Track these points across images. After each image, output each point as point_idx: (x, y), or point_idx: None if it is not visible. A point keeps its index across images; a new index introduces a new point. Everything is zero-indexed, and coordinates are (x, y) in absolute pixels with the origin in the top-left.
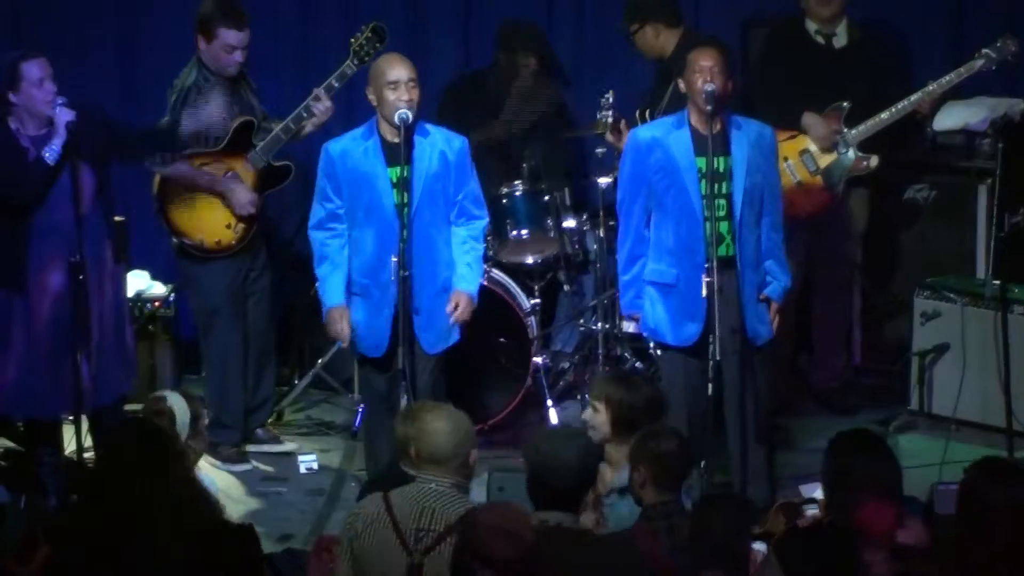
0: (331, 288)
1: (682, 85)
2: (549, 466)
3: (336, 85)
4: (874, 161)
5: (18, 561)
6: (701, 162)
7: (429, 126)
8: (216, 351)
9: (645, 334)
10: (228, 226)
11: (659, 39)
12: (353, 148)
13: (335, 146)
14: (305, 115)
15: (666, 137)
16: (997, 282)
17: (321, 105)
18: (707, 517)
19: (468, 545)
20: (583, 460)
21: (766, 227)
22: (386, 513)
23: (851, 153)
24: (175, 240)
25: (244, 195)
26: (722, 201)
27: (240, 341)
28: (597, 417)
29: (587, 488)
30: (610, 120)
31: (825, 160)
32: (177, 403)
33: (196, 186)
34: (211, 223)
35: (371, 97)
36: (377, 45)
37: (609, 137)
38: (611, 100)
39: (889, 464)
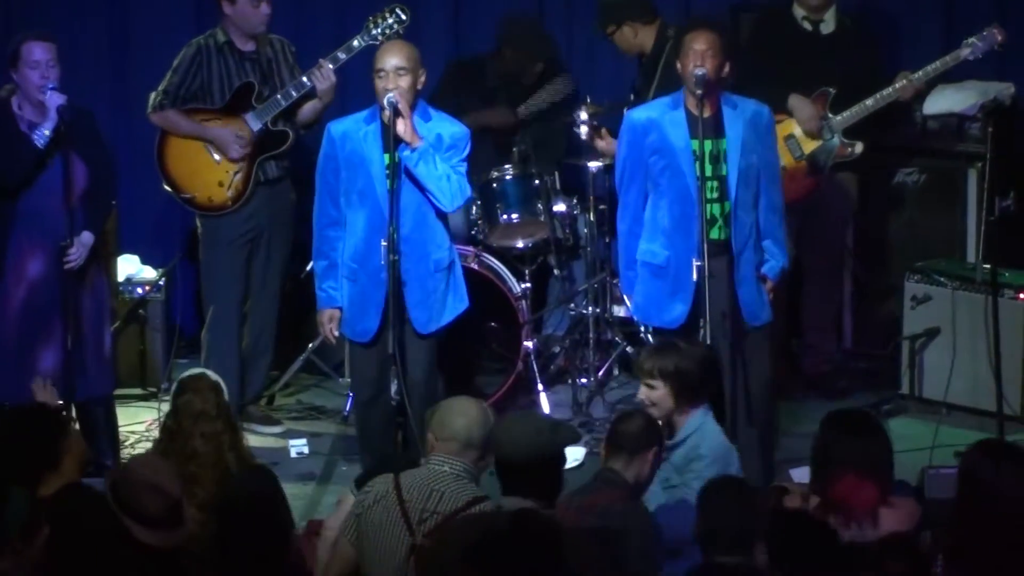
0: (327, 288)
1: (679, 67)
2: (499, 449)
3: (342, 57)
4: (859, 147)
5: (22, 542)
6: (696, 144)
7: (433, 111)
8: (213, 314)
9: (633, 315)
10: (220, 184)
11: (637, 37)
12: (354, 131)
13: (337, 127)
14: (308, 82)
15: (662, 118)
16: (987, 266)
17: (320, 73)
18: (715, 504)
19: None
20: (534, 439)
21: (763, 207)
22: (394, 492)
23: (836, 139)
24: (167, 188)
25: (229, 137)
26: (715, 183)
27: (237, 307)
28: (655, 393)
29: (540, 472)
30: (584, 136)
31: (810, 146)
32: (218, 377)
33: (182, 132)
34: (203, 179)
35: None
36: (395, 26)
37: (587, 138)
38: (584, 117)
39: (873, 442)
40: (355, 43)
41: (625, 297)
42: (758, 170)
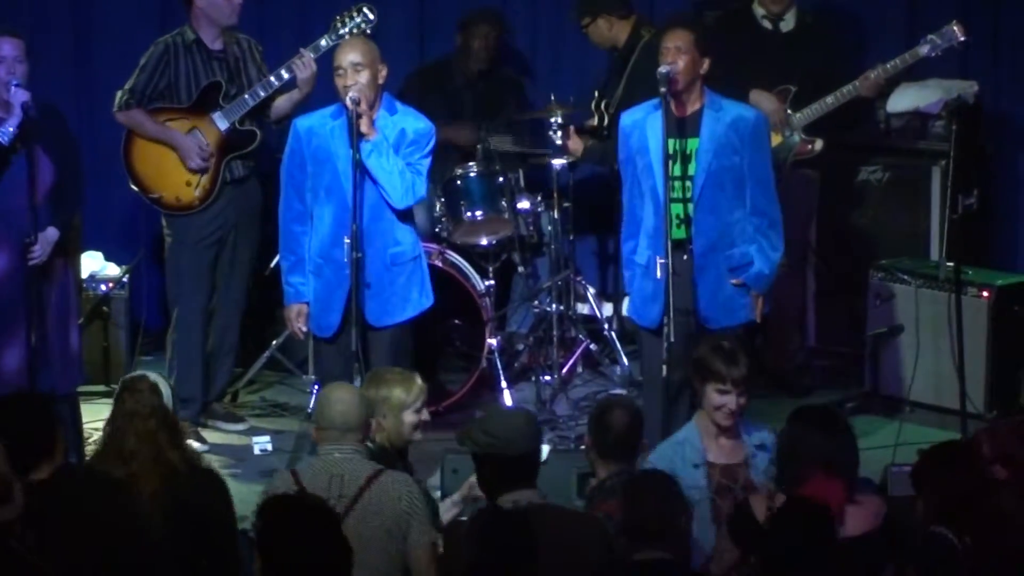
0: (294, 283)
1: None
2: (502, 444)
3: (311, 55)
4: (819, 144)
5: None
6: (668, 144)
7: (399, 105)
8: (178, 315)
9: (629, 314)
10: (188, 184)
11: (612, 30)
12: (320, 126)
13: (303, 122)
14: (275, 81)
15: (644, 119)
16: (951, 264)
17: (302, 63)
18: (637, 497)
19: None
20: (533, 430)
21: (751, 211)
22: (295, 485)
23: (796, 136)
24: (134, 188)
25: (192, 146)
26: (687, 183)
27: (203, 307)
28: (744, 398)
29: (538, 459)
30: (558, 140)
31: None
32: (159, 380)
33: (147, 134)
34: (170, 179)
35: None
36: (362, 26)
37: (561, 142)
38: (559, 121)
39: (841, 440)
40: (322, 42)
41: (592, 300)
42: (739, 174)
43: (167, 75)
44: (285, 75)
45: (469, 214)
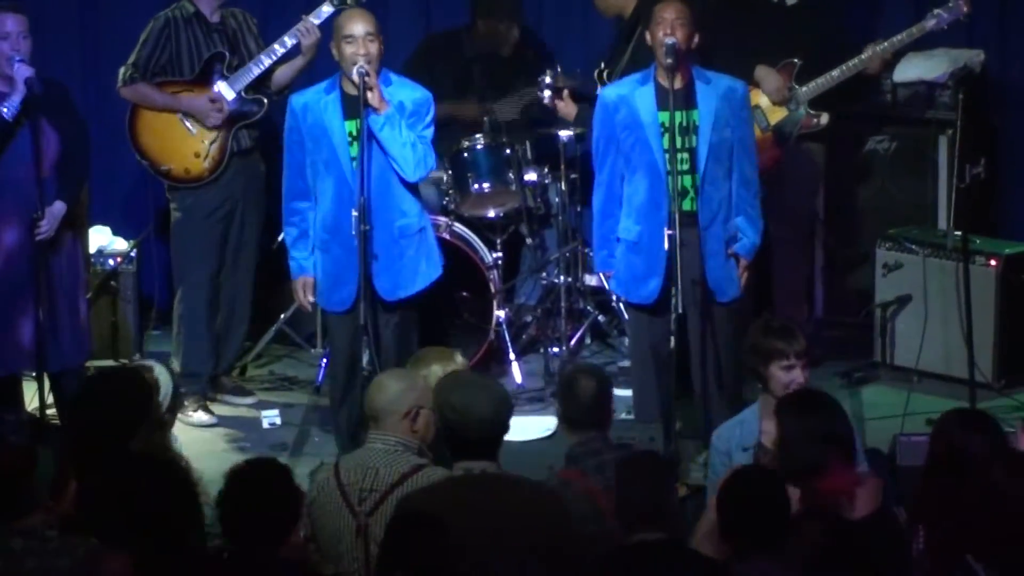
0: (298, 257)
1: (648, 38)
2: (465, 420)
3: (314, 22)
4: (824, 118)
5: (52, 499)
6: (664, 116)
7: (394, 76)
8: (184, 290)
9: (615, 291)
10: (197, 155)
11: None
12: (315, 101)
13: (298, 99)
14: (279, 49)
15: (631, 94)
16: (959, 233)
17: (306, 28)
18: (629, 480)
19: None
20: (497, 410)
21: (736, 183)
22: (334, 478)
23: (801, 110)
24: (142, 162)
25: (205, 105)
26: (685, 155)
27: (209, 281)
28: (807, 371)
29: (504, 434)
30: (546, 100)
31: (776, 116)
32: (162, 375)
33: (155, 105)
34: (178, 152)
35: (333, 51)
36: None
37: (549, 103)
38: (548, 81)
39: (842, 417)
40: (324, 8)
41: (601, 276)
42: (731, 145)
43: (168, 49)
44: (289, 42)
45: (476, 186)
